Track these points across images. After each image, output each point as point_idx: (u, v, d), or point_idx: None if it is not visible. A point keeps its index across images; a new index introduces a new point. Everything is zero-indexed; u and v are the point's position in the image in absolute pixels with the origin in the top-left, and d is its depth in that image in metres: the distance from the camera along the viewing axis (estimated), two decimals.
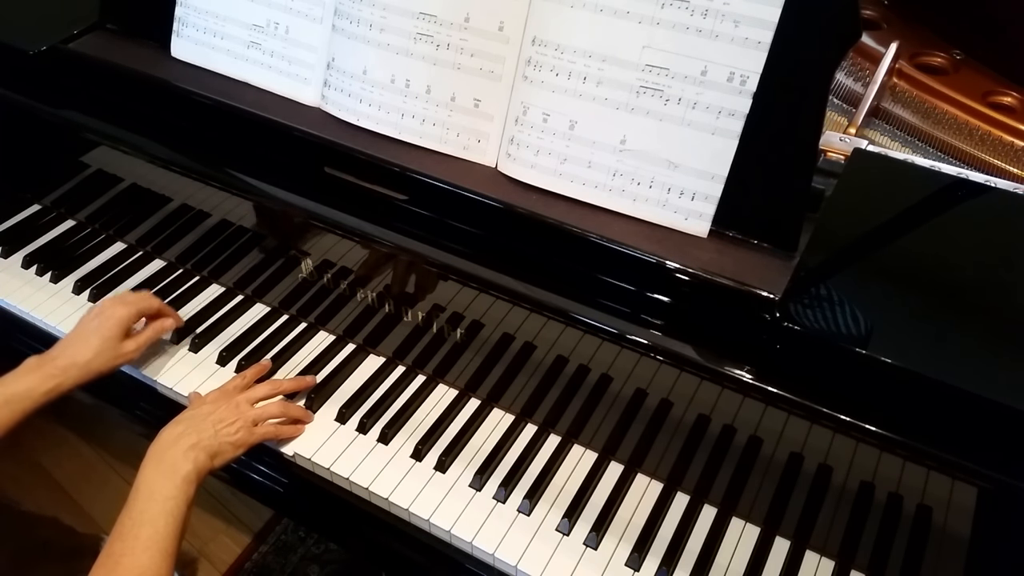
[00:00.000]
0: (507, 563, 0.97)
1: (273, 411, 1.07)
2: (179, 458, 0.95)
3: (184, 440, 0.96)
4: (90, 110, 1.20)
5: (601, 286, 0.91)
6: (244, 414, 1.03)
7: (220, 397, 1.06)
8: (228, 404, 1.04)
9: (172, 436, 0.97)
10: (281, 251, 1.18)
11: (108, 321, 1.10)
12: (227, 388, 1.09)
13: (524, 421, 1.11)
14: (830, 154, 0.99)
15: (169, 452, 0.95)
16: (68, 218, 1.43)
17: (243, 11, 1.12)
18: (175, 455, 0.95)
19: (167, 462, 0.94)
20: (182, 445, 0.96)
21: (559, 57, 0.92)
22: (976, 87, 1.18)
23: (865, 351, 0.78)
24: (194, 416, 1.01)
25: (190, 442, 0.96)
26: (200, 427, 0.99)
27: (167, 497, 0.91)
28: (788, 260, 0.87)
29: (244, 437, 1.01)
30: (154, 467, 0.94)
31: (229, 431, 1.00)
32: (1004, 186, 0.94)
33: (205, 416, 1.01)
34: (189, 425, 0.99)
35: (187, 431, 0.98)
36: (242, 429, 1.01)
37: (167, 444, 0.96)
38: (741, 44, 0.84)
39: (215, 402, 1.04)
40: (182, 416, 1.02)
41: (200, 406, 1.04)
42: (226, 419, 1.01)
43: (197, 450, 0.96)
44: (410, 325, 1.13)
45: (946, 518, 0.85)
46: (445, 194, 0.97)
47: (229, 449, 0.99)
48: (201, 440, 0.97)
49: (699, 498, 1.02)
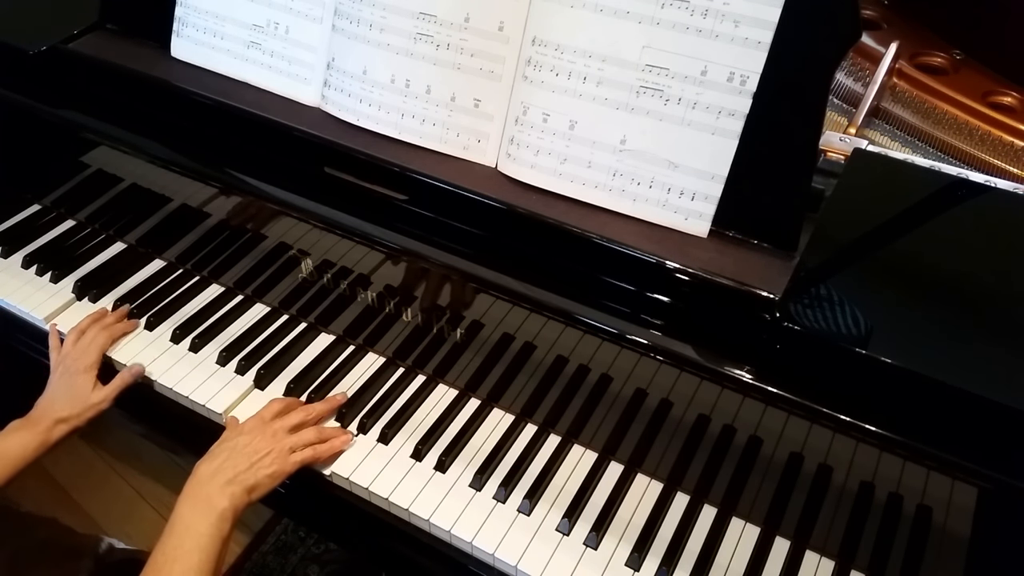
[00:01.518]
0: (507, 563, 0.97)
1: (309, 438, 1.05)
2: (215, 494, 0.94)
3: (221, 475, 0.95)
4: (90, 110, 1.20)
5: (601, 286, 0.91)
6: (280, 443, 1.01)
7: (256, 426, 1.04)
8: (264, 434, 1.02)
9: (209, 471, 0.96)
10: (281, 251, 1.18)
11: (76, 378, 1.13)
12: (264, 415, 1.06)
13: (524, 421, 1.11)
14: (830, 154, 0.99)
15: (205, 488, 0.94)
16: (68, 218, 1.43)
17: (243, 11, 1.12)
18: (211, 492, 0.94)
19: (203, 498, 0.93)
20: (219, 481, 0.95)
21: (559, 57, 0.92)
22: (976, 87, 1.17)
23: (865, 351, 0.78)
24: (232, 448, 1.00)
25: (226, 477, 0.95)
26: (237, 461, 0.97)
27: (201, 534, 0.90)
28: (788, 260, 0.87)
29: (280, 468, 0.99)
30: (191, 503, 0.93)
31: (265, 463, 0.98)
32: (1004, 186, 0.94)
33: (242, 448, 0.99)
34: (226, 459, 0.98)
35: (224, 466, 0.97)
36: (277, 460, 0.99)
37: (204, 479, 0.95)
38: (741, 44, 0.84)
39: (251, 432, 1.02)
40: (218, 449, 1.00)
41: (237, 437, 1.02)
42: (261, 450, 1.00)
43: (234, 485, 0.95)
44: (410, 325, 1.13)
45: (946, 518, 0.85)
46: (445, 194, 0.97)
47: (266, 482, 0.98)
48: (238, 475, 0.96)
49: (699, 498, 1.02)
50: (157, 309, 1.26)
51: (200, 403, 1.14)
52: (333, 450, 1.06)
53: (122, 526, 1.86)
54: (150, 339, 1.23)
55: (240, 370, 1.18)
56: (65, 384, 1.13)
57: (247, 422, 1.05)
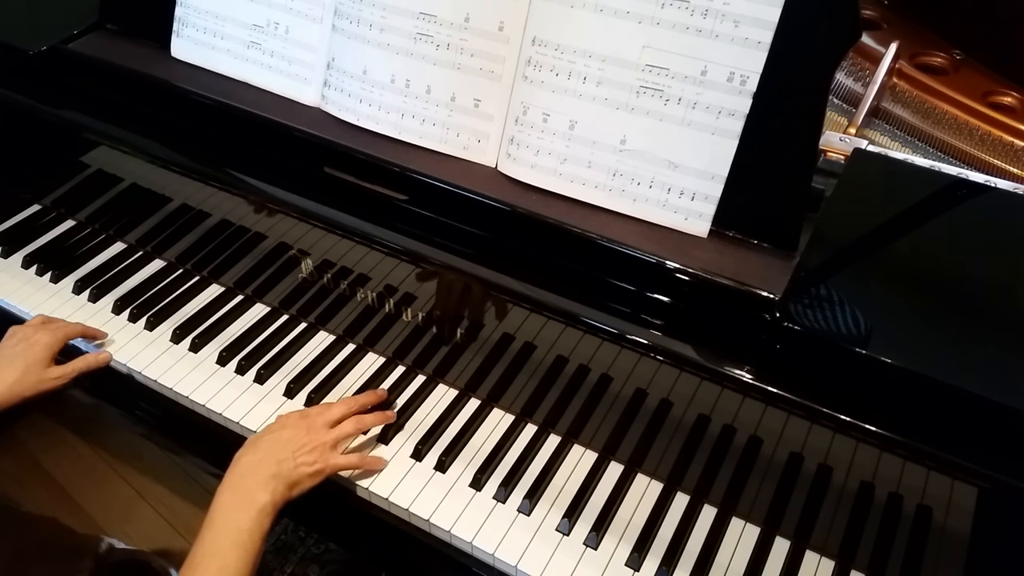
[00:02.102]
0: (507, 563, 0.97)
1: (348, 429, 1.03)
2: (257, 489, 0.92)
3: (263, 470, 0.93)
4: (90, 110, 1.20)
5: (601, 286, 0.91)
6: (322, 439, 0.99)
7: (299, 421, 1.01)
8: (307, 429, 1.00)
9: (250, 464, 0.94)
10: (281, 251, 1.18)
11: (34, 347, 1.11)
12: (310, 411, 1.04)
13: (524, 421, 1.11)
14: (830, 154, 0.99)
15: (247, 481, 0.93)
16: (68, 218, 1.43)
17: (243, 11, 1.12)
18: (253, 485, 0.92)
19: (244, 492, 0.92)
20: (261, 475, 0.93)
21: (559, 57, 0.92)
22: (976, 87, 1.18)
23: (865, 351, 0.78)
24: (274, 442, 0.97)
25: (270, 472, 0.93)
26: (280, 456, 0.95)
27: (240, 529, 0.89)
28: (788, 260, 0.87)
29: (322, 466, 0.97)
30: (231, 496, 0.92)
31: (308, 459, 0.97)
32: (1004, 186, 0.94)
33: (285, 442, 0.97)
34: (268, 453, 0.96)
35: (266, 459, 0.95)
36: (320, 458, 0.98)
37: (245, 472, 0.94)
38: (741, 44, 0.84)
39: (295, 426, 1.00)
40: (260, 440, 0.98)
41: (280, 430, 1.00)
42: (305, 446, 0.98)
43: (276, 480, 0.93)
44: (410, 325, 1.13)
45: (946, 518, 0.85)
46: (445, 194, 0.97)
47: (307, 480, 0.96)
48: (281, 470, 0.94)
49: (699, 498, 1.02)
50: (157, 309, 1.26)
51: (200, 403, 1.14)
52: (378, 467, 1.04)
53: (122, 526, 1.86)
54: (150, 339, 1.23)
55: (240, 370, 1.18)
56: (20, 353, 1.10)
57: (291, 415, 1.03)
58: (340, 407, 1.05)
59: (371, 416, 1.07)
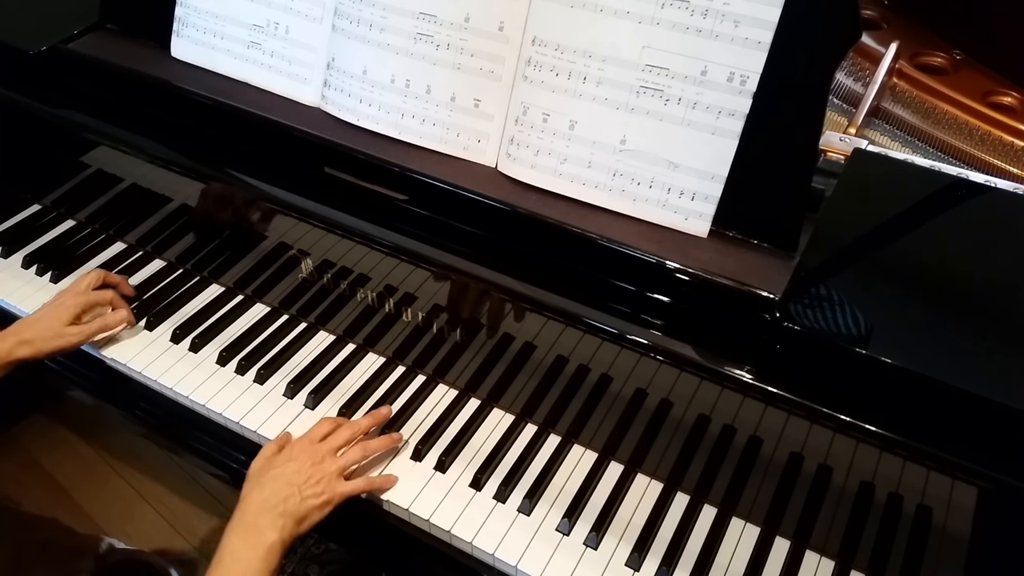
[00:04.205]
0: (507, 563, 0.97)
1: (354, 456, 1.02)
2: (266, 527, 0.92)
3: (271, 508, 0.94)
4: (90, 110, 1.20)
5: (601, 286, 0.91)
6: (328, 470, 0.99)
7: (305, 452, 1.01)
8: (312, 459, 1.00)
9: (258, 503, 0.95)
10: (281, 251, 1.18)
11: (59, 308, 1.16)
12: (313, 436, 1.03)
13: (524, 421, 1.11)
14: (830, 154, 0.99)
15: (256, 520, 0.93)
16: (68, 218, 1.43)
17: (243, 11, 1.12)
18: (262, 524, 0.93)
19: (253, 532, 0.92)
20: (269, 514, 0.94)
21: (559, 57, 0.92)
22: (976, 87, 1.18)
23: (865, 351, 0.78)
24: (279, 478, 0.98)
25: (278, 511, 0.94)
26: (286, 492, 0.96)
27: (250, 568, 0.90)
28: (788, 260, 0.87)
29: (329, 497, 0.97)
30: (240, 535, 0.92)
31: (315, 491, 0.97)
32: (1004, 186, 0.94)
33: (292, 477, 0.97)
34: (275, 491, 0.96)
35: (272, 497, 0.95)
36: (327, 489, 0.98)
37: (254, 511, 0.94)
38: (741, 44, 0.84)
39: (299, 458, 1.00)
40: (265, 476, 0.98)
41: (285, 464, 0.99)
42: (311, 478, 0.98)
43: (285, 518, 0.94)
44: (410, 325, 1.13)
45: (946, 518, 0.85)
46: (445, 194, 0.97)
47: (316, 514, 0.97)
48: (288, 508, 0.95)
49: (699, 498, 1.02)
50: (157, 309, 1.26)
51: (200, 403, 1.14)
52: (386, 485, 1.04)
53: (122, 526, 1.85)
54: (150, 339, 1.23)
55: (240, 370, 1.18)
56: (45, 311, 1.16)
57: (296, 443, 1.03)
58: (345, 432, 1.04)
59: (377, 441, 1.06)
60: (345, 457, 1.02)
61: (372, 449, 1.05)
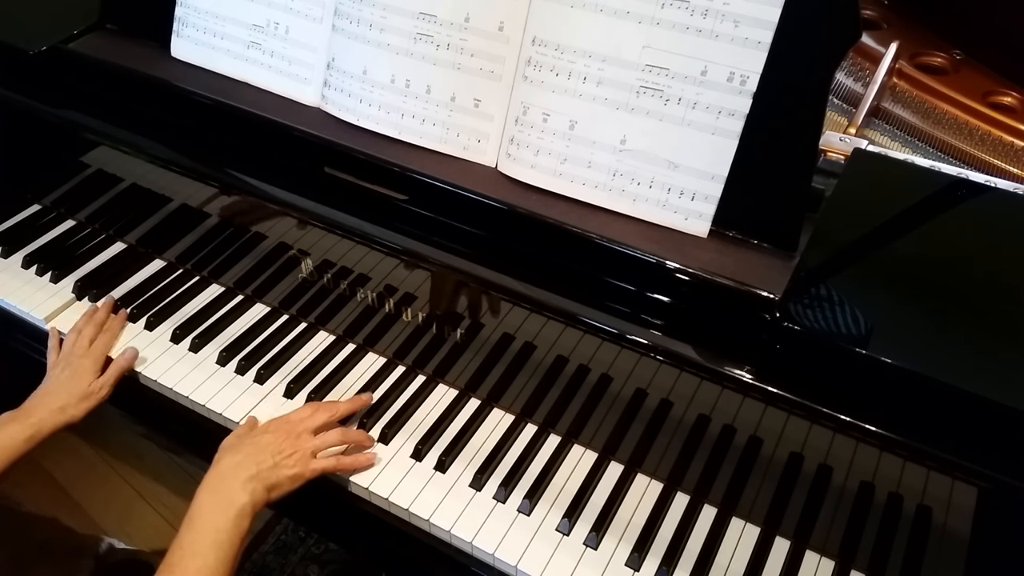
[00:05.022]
0: (507, 563, 0.97)
1: (332, 439, 1.03)
2: (236, 490, 0.92)
3: (243, 471, 0.94)
4: (90, 110, 1.20)
5: (601, 286, 0.91)
6: (303, 445, 1.00)
7: (283, 426, 1.02)
8: (289, 434, 1.00)
9: (230, 466, 0.95)
10: (281, 251, 1.18)
11: (78, 372, 1.13)
12: (291, 418, 1.04)
13: (524, 421, 1.11)
14: (830, 154, 0.99)
15: (226, 482, 0.93)
16: (68, 218, 1.43)
17: (243, 11, 1.12)
18: (232, 486, 0.92)
19: (223, 493, 0.92)
20: (240, 476, 0.93)
21: (559, 57, 0.92)
22: (976, 87, 1.18)
23: (865, 351, 0.78)
24: (255, 444, 0.98)
25: (249, 473, 0.94)
26: (260, 458, 0.96)
27: (219, 529, 0.89)
28: (788, 260, 0.87)
29: (301, 471, 0.98)
30: (209, 495, 0.92)
31: (288, 463, 0.97)
32: (1004, 186, 0.94)
33: (266, 446, 0.98)
34: (249, 455, 0.96)
35: (246, 461, 0.95)
36: (300, 463, 0.98)
37: (226, 473, 0.94)
38: (741, 44, 0.84)
39: (276, 431, 1.00)
40: (241, 442, 0.99)
41: (263, 434, 1.00)
42: (286, 450, 0.98)
43: (256, 482, 0.94)
44: (410, 325, 1.13)
45: (946, 518, 0.85)
46: (445, 194, 0.97)
47: (287, 483, 0.97)
48: (260, 472, 0.95)
49: (699, 498, 1.02)
50: (157, 309, 1.26)
51: (200, 403, 1.14)
52: (357, 466, 1.04)
53: (122, 526, 1.86)
54: (150, 339, 1.23)
55: (240, 370, 1.18)
56: (67, 376, 1.13)
57: (273, 421, 1.04)
58: (323, 414, 1.05)
59: (356, 432, 1.08)
60: (322, 437, 1.03)
61: (352, 437, 1.06)
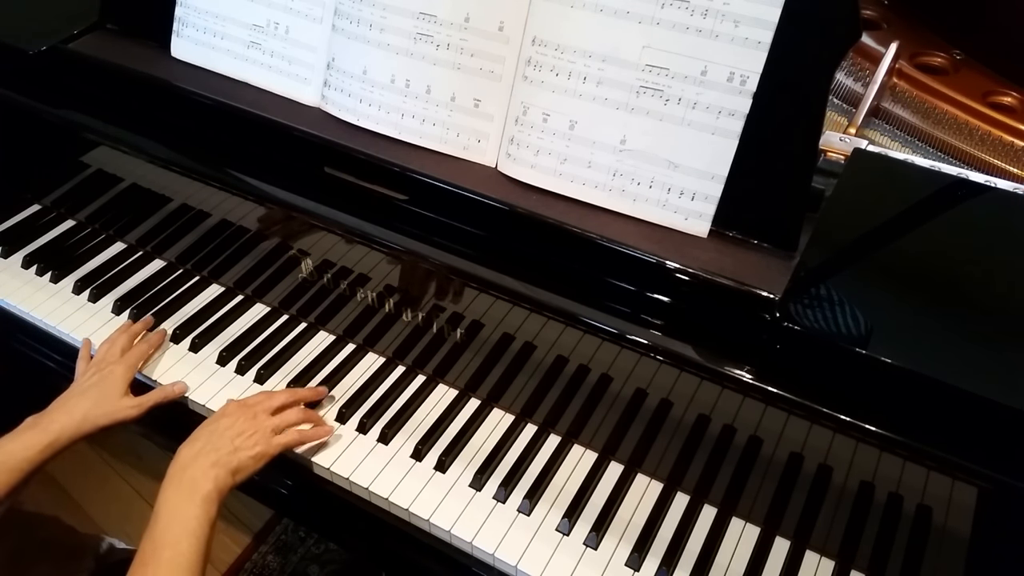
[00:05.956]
0: (507, 563, 0.97)
1: (292, 418, 1.04)
2: (199, 477, 0.93)
3: (203, 458, 0.95)
4: (90, 110, 1.20)
5: (601, 286, 0.91)
6: (262, 425, 1.01)
7: (238, 409, 1.03)
8: (246, 415, 1.01)
9: (191, 454, 0.95)
10: (281, 251, 1.18)
11: (107, 378, 1.10)
12: (248, 401, 1.05)
13: (524, 421, 1.11)
14: (830, 154, 0.99)
15: (188, 471, 0.93)
16: (68, 218, 1.43)
17: (243, 11, 1.12)
18: (195, 474, 0.93)
19: (186, 482, 0.92)
20: (201, 464, 0.94)
21: (559, 57, 0.92)
22: (976, 87, 1.18)
23: (865, 351, 0.78)
24: (212, 431, 0.99)
25: (210, 460, 0.94)
26: (218, 443, 0.97)
27: (188, 518, 0.89)
28: (788, 260, 0.87)
29: (263, 449, 0.99)
30: (174, 488, 0.92)
31: (248, 444, 0.98)
32: (1004, 186, 0.94)
33: (223, 431, 0.99)
34: (208, 442, 0.97)
35: (205, 448, 0.96)
36: (261, 441, 0.99)
37: (186, 463, 0.94)
38: (741, 44, 0.84)
39: (233, 414, 1.01)
40: (199, 432, 0.99)
41: (219, 420, 1.01)
42: (245, 431, 0.99)
43: (218, 468, 0.94)
44: (410, 325, 1.13)
45: (946, 518, 0.85)
46: (445, 194, 0.97)
47: (250, 463, 0.97)
48: (220, 457, 0.95)
49: (699, 498, 1.02)
50: (157, 309, 1.26)
51: (200, 403, 1.14)
52: (320, 435, 1.05)
53: (122, 526, 1.86)
54: None
55: (240, 370, 1.18)
56: (95, 383, 1.10)
57: (228, 405, 1.05)
58: (282, 395, 1.07)
59: (313, 412, 1.09)
60: (281, 416, 1.04)
61: (312, 415, 1.07)
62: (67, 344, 1.25)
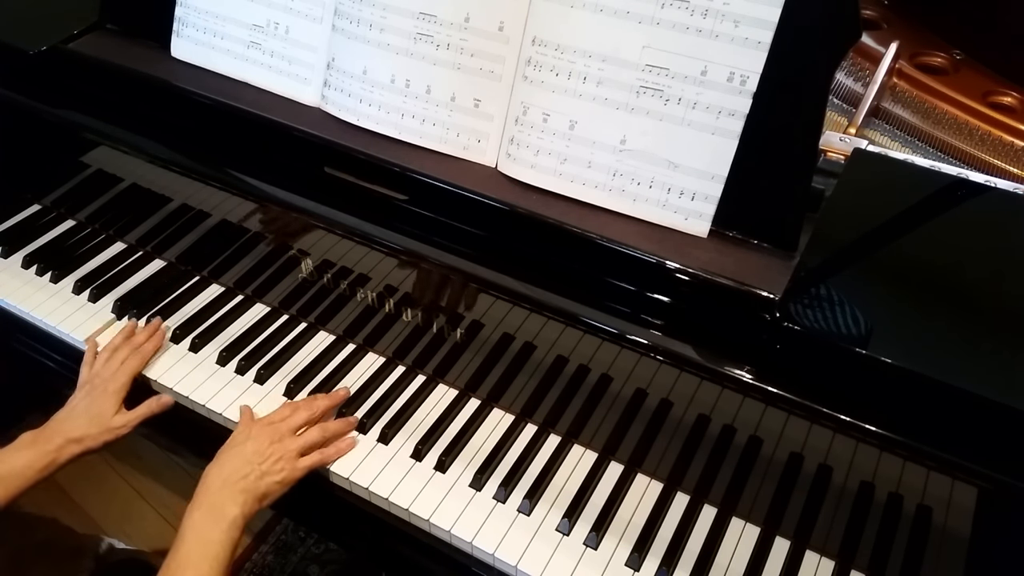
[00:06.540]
0: (507, 563, 0.97)
1: (313, 438, 1.05)
2: (227, 502, 0.95)
3: (232, 484, 0.96)
4: (90, 110, 1.20)
5: (601, 286, 0.91)
6: (288, 449, 1.02)
7: (264, 431, 1.03)
8: (272, 438, 1.02)
9: (219, 480, 0.97)
10: (281, 251, 1.18)
11: (100, 398, 1.11)
12: (272, 418, 1.06)
13: (524, 421, 1.11)
14: (830, 154, 0.99)
15: (217, 496, 0.95)
16: (68, 218, 1.43)
17: (243, 11, 1.12)
18: (223, 500, 0.95)
19: (215, 508, 0.94)
20: (230, 489, 0.96)
21: (559, 57, 0.92)
22: (976, 87, 1.17)
23: (865, 351, 0.78)
24: (239, 456, 1.00)
25: (239, 487, 0.96)
26: (246, 470, 0.98)
27: (212, 541, 0.91)
28: (788, 260, 0.87)
29: (289, 474, 1.00)
30: (202, 512, 0.94)
31: (275, 469, 1.00)
32: (1004, 186, 0.94)
33: (251, 456, 1.00)
34: (235, 468, 0.98)
35: (233, 475, 0.97)
36: (287, 467, 1.00)
37: (215, 488, 0.96)
38: (741, 44, 0.84)
39: (259, 437, 1.02)
40: (227, 455, 1.01)
41: (245, 442, 1.02)
42: (271, 456, 1.00)
43: (245, 494, 0.96)
44: (410, 325, 1.13)
45: (946, 518, 0.85)
46: (445, 194, 0.97)
47: (276, 489, 0.99)
48: (248, 484, 0.97)
49: (699, 498, 1.02)
50: (157, 309, 1.26)
51: (200, 403, 1.14)
52: (340, 454, 1.06)
53: (122, 526, 1.86)
54: None
55: (240, 370, 1.18)
56: (88, 403, 1.11)
57: (255, 426, 1.05)
58: (303, 413, 1.07)
59: (335, 423, 1.09)
60: (304, 437, 1.04)
61: (331, 431, 1.07)
62: (67, 344, 1.25)
